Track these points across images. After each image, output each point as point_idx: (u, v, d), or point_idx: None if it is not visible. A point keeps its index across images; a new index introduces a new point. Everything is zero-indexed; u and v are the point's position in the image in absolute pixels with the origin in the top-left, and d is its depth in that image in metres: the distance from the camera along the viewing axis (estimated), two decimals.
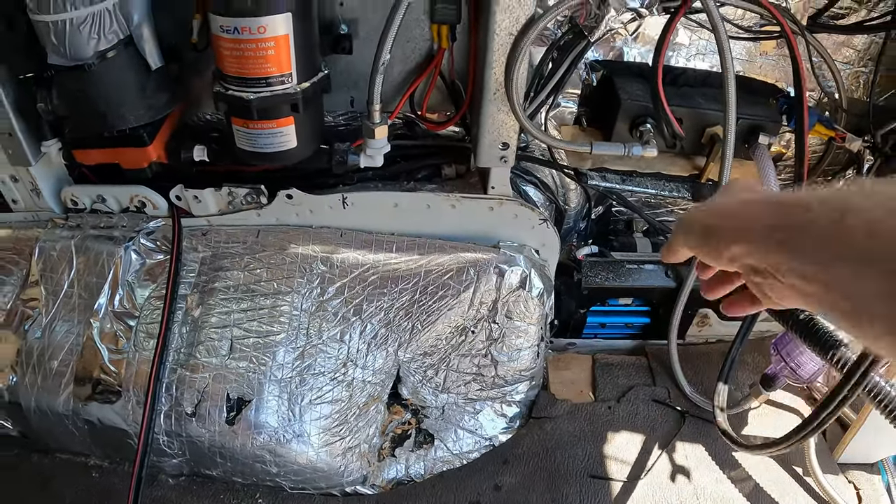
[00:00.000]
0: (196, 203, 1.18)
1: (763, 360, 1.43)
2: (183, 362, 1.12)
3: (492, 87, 1.00)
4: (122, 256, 1.16)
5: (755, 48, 1.21)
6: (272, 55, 0.93)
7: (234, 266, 1.16)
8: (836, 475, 1.27)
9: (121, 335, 1.15)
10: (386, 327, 1.16)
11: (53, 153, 1.16)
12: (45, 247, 1.19)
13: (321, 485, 1.17)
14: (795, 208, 0.40)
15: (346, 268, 1.16)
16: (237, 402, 1.11)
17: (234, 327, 1.13)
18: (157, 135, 1.10)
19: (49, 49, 0.97)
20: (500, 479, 1.22)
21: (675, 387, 1.36)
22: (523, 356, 1.22)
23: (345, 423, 1.15)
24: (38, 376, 1.15)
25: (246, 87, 0.95)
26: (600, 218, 1.41)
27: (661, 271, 1.31)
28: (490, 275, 1.16)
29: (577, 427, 1.29)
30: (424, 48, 1.09)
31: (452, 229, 1.18)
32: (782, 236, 0.40)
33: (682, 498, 1.21)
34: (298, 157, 1.04)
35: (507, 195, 1.14)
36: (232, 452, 1.12)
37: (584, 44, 1.02)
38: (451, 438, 1.23)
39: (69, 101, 1.04)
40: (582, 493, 1.20)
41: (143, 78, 1.04)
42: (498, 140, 1.06)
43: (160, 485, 1.20)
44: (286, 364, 1.12)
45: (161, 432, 1.12)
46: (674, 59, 1.19)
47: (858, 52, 1.26)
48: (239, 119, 1.00)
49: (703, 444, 1.29)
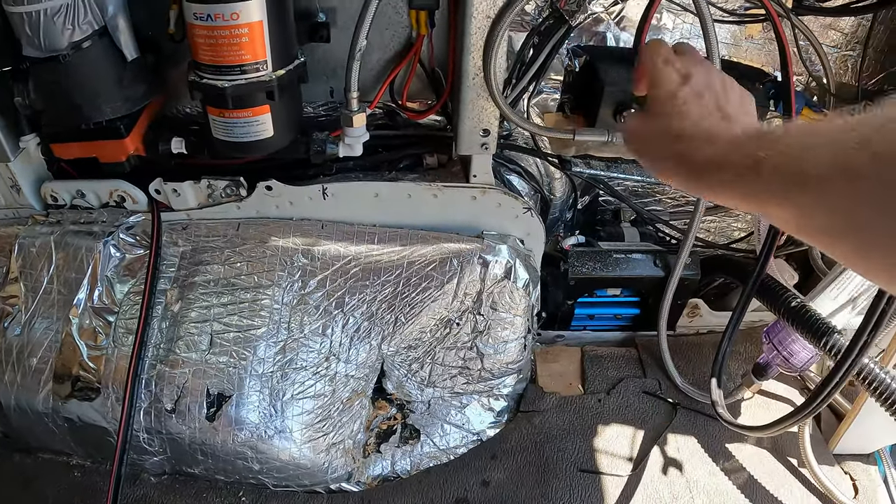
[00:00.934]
0: (175, 197, 1.16)
1: (754, 349, 1.41)
2: (162, 358, 1.10)
3: (471, 72, 0.99)
4: (101, 251, 1.15)
5: (740, 32, 1.19)
6: (246, 42, 0.91)
7: (214, 260, 1.15)
8: (831, 466, 1.24)
9: (100, 331, 1.13)
10: (369, 320, 1.14)
11: (32, 148, 1.15)
12: (24, 243, 1.18)
13: (305, 482, 1.15)
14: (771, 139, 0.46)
15: (327, 260, 1.14)
16: (217, 398, 1.09)
17: (214, 322, 1.11)
18: (134, 127, 1.09)
19: (24, 41, 0.96)
20: (488, 474, 1.20)
21: (666, 378, 1.34)
22: (510, 348, 1.20)
23: (328, 418, 1.13)
24: (17, 374, 1.13)
25: (220, 75, 0.94)
26: (587, 208, 1.39)
27: (650, 261, 1.29)
28: (474, 265, 1.15)
29: (566, 420, 1.27)
30: (403, 35, 1.07)
31: (435, 219, 1.16)
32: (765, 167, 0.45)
33: (675, 491, 1.19)
34: (276, 146, 1.02)
35: (489, 184, 1.12)
36: (213, 449, 1.10)
37: (565, 28, 1.01)
38: (437, 433, 1.21)
39: (45, 94, 1.02)
40: (572, 487, 1.18)
41: (119, 69, 1.02)
42: (479, 126, 1.04)
43: (142, 483, 1.17)
44: (267, 359, 1.11)
45: (141, 429, 1.10)
46: None
47: (846, 35, 1.24)
48: (214, 108, 0.98)
49: (696, 435, 1.27)
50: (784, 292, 1.13)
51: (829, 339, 1.06)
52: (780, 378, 1.32)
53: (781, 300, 1.12)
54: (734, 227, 1.48)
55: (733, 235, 1.48)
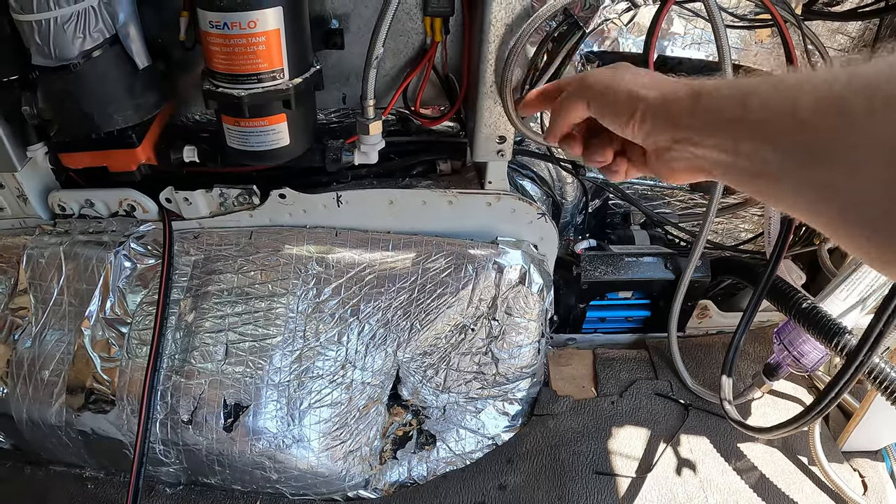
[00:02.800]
0: (187, 205, 1.15)
1: (763, 349, 1.43)
2: (178, 369, 1.09)
3: (488, 80, 0.98)
4: (112, 262, 1.13)
5: (750, 36, 1.20)
6: (263, 50, 0.91)
7: (227, 269, 1.14)
8: (840, 463, 1.26)
9: (113, 343, 1.12)
10: (384, 327, 1.14)
11: (40, 158, 1.13)
12: (33, 254, 1.16)
13: (323, 490, 1.15)
14: (706, 94, 0.47)
15: (341, 268, 1.14)
16: (234, 408, 1.08)
17: (228, 331, 1.11)
18: (145, 136, 1.07)
19: (33, 50, 0.95)
20: (505, 478, 1.20)
21: (677, 379, 1.35)
22: (524, 353, 1.20)
23: (345, 426, 1.13)
24: (29, 387, 1.12)
25: (236, 83, 0.93)
26: (597, 211, 1.40)
27: (661, 263, 1.30)
28: (489, 271, 1.15)
29: (580, 423, 1.28)
30: (417, 42, 1.07)
31: (449, 226, 1.16)
32: (701, 120, 0.47)
33: (689, 491, 1.20)
34: (291, 155, 1.02)
35: (504, 190, 1.13)
36: (230, 460, 1.09)
37: (579, 35, 1.01)
38: (453, 439, 1.21)
39: (55, 103, 1.01)
40: (588, 489, 1.19)
41: (130, 77, 1.01)
42: (494, 134, 1.04)
43: (158, 495, 1.17)
44: (283, 368, 1.10)
45: (157, 441, 1.09)
46: (669, 48, 1.18)
47: (853, 39, 1.25)
48: (230, 117, 0.98)
49: (708, 436, 1.28)
50: (794, 294, 1.14)
51: (841, 340, 1.07)
52: (788, 377, 1.33)
53: (792, 301, 1.14)
54: (741, 228, 1.49)
55: (741, 237, 1.50)
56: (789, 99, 0.39)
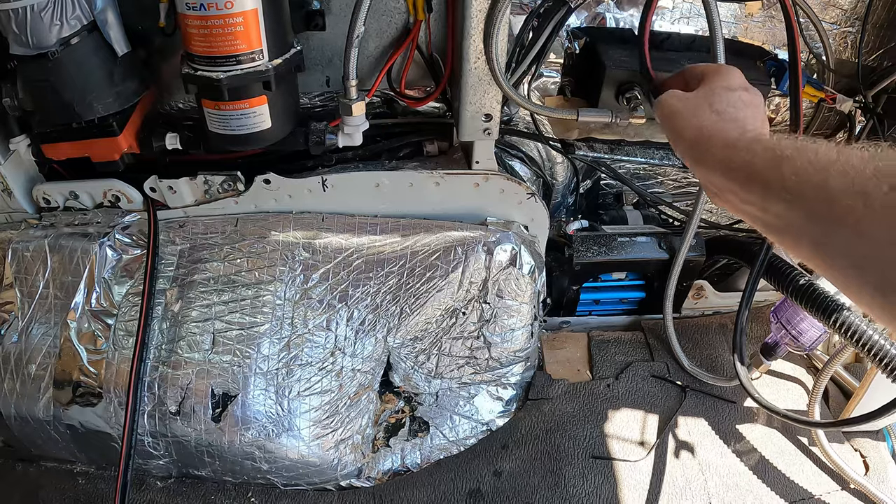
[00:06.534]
0: (171, 194, 1.14)
1: (760, 329, 1.41)
2: (164, 359, 1.08)
3: (472, 56, 0.97)
4: (97, 253, 1.12)
5: (740, 10, 1.18)
6: (241, 31, 0.89)
7: (213, 257, 1.13)
8: (841, 444, 1.24)
9: (99, 335, 1.11)
10: (373, 313, 1.12)
11: (23, 150, 1.12)
12: (18, 248, 1.15)
13: (314, 480, 1.13)
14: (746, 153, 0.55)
15: (329, 253, 1.12)
16: (222, 398, 1.07)
17: (215, 320, 1.09)
18: (127, 124, 1.06)
19: (11, 38, 0.93)
20: (500, 464, 1.19)
21: (673, 361, 1.33)
22: (517, 336, 1.19)
23: (336, 414, 1.11)
24: (16, 382, 1.11)
25: (215, 66, 0.91)
26: (589, 192, 1.38)
27: (654, 243, 1.28)
28: (479, 253, 1.13)
29: (576, 407, 1.26)
30: (400, 21, 1.05)
31: (437, 208, 1.14)
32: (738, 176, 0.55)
33: (688, 473, 1.18)
34: (274, 138, 1.00)
35: (492, 170, 1.11)
36: (220, 451, 1.08)
37: (564, 10, 0.99)
38: (446, 425, 1.20)
39: (34, 93, 1.00)
40: (584, 474, 1.17)
41: (109, 65, 1.00)
42: (480, 112, 1.02)
43: (148, 488, 1.15)
44: (271, 356, 1.09)
45: (146, 433, 1.08)
46: (658, 23, 1.16)
47: (845, 12, 1.23)
48: (210, 101, 0.96)
49: (706, 417, 1.26)
50: (791, 271, 1.12)
51: (839, 316, 1.05)
52: (786, 356, 1.31)
53: (789, 279, 1.12)
54: None
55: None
56: (822, 174, 0.45)
